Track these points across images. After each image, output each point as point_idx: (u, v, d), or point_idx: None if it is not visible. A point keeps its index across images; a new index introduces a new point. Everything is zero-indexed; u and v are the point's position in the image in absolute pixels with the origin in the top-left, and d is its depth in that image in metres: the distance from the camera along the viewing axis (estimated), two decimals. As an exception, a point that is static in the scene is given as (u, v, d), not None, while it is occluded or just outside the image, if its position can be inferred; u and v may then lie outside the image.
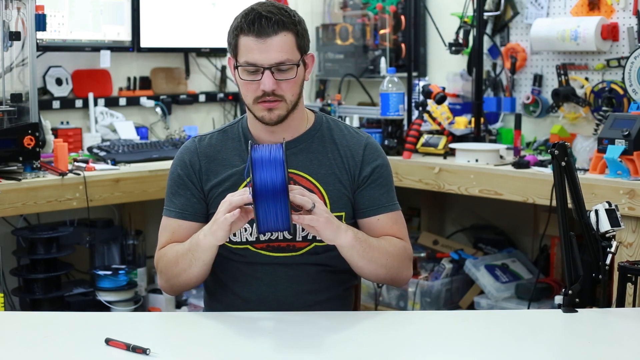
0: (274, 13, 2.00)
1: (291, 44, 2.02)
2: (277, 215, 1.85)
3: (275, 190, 1.83)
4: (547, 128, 3.72)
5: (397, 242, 2.12)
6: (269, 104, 2.03)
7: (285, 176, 1.84)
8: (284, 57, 2.00)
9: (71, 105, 3.74)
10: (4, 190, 2.93)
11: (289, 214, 1.85)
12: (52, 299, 3.31)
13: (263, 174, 1.84)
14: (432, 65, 4.23)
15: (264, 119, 2.05)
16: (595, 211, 2.05)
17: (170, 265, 2.08)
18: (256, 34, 1.99)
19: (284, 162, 1.85)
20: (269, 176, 1.84)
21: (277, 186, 1.83)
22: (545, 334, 1.87)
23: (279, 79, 2.01)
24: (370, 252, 2.03)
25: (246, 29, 2.00)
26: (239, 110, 4.28)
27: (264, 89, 2.01)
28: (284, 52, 2.00)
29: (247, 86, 2.04)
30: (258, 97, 2.03)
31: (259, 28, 1.98)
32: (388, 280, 2.14)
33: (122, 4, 3.76)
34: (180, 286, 2.11)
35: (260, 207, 1.84)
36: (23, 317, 2.16)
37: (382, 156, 2.17)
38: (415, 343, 1.83)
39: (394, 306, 3.83)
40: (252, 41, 1.99)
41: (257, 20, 1.99)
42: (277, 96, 2.02)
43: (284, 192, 1.83)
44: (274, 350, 1.75)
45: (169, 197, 2.15)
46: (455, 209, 4.21)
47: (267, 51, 1.99)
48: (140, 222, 3.83)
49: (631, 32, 3.40)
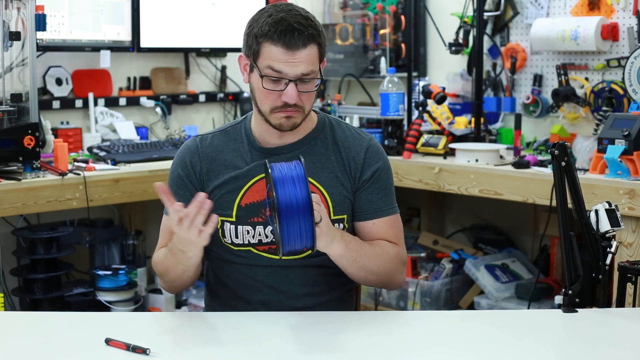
0: (304, 26, 1.97)
1: (316, 56, 2.00)
2: (301, 234, 1.78)
3: (299, 208, 1.76)
4: (547, 128, 3.73)
5: (390, 249, 2.11)
6: (288, 112, 2.01)
7: (308, 192, 1.78)
8: (309, 69, 1.98)
9: (71, 105, 3.74)
10: (4, 190, 2.93)
11: (313, 232, 1.79)
12: (52, 299, 3.31)
13: (286, 191, 1.77)
14: (432, 65, 4.23)
15: (282, 126, 2.03)
16: (595, 211, 2.05)
17: (163, 273, 2.11)
18: (286, 46, 1.95)
19: (306, 178, 1.79)
20: (291, 193, 1.77)
21: (302, 203, 1.77)
22: (545, 334, 1.87)
23: (302, 90, 2.00)
24: (361, 260, 2.03)
25: (276, 38, 1.95)
26: (239, 110, 4.28)
27: (288, 101, 1.98)
28: (310, 64, 1.98)
29: (267, 95, 2.01)
30: (277, 107, 2.01)
31: (290, 40, 1.95)
32: (379, 285, 2.16)
33: (122, 4, 3.76)
34: (178, 288, 2.16)
35: (285, 226, 1.77)
36: (23, 317, 2.16)
37: (383, 158, 2.17)
38: (415, 343, 1.83)
39: (394, 306, 3.83)
40: (280, 52, 1.96)
41: (289, 32, 1.95)
42: (297, 107, 2.01)
43: (309, 209, 1.77)
44: (274, 351, 1.75)
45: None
46: (455, 209, 4.21)
47: (295, 64, 1.96)
48: (140, 222, 3.84)
49: (631, 32, 3.40)
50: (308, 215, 1.77)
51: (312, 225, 1.78)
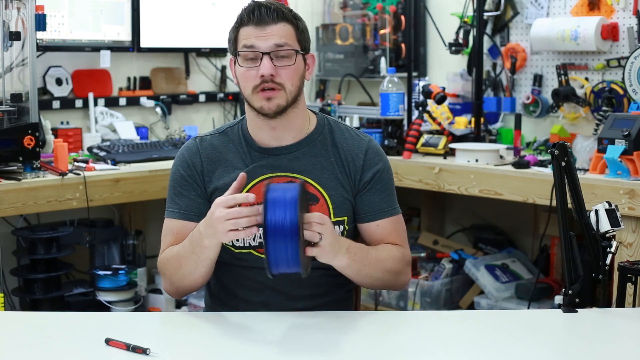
0: (275, 5, 2.04)
1: (291, 34, 2.04)
2: (287, 259, 1.77)
3: (285, 232, 1.75)
4: (547, 128, 3.73)
5: (395, 252, 2.12)
6: (268, 92, 2.02)
7: (296, 219, 1.75)
8: (282, 41, 2.02)
9: (71, 105, 3.74)
10: (4, 190, 2.93)
11: (298, 258, 1.77)
12: (52, 299, 3.31)
13: (275, 214, 1.75)
14: (432, 65, 4.23)
15: (263, 109, 2.04)
16: (595, 211, 2.05)
17: (174, 269, 2.06)
18: (256, 23, 2.02)
19: (297, 203, 1.77)
20: (280, 217, 1.75)
21: (287, 228, 1.75)
22: (545, 334, 1.87)
23: (278, 65, 2.02)
24: (365, 269, 2.03)
25: (246, 20, 2.03)
26: (239, 110, 4.28)
27: (263, 72, 2.01)
28: (283, 38, 2.02)
29: (246, 74, 2.04)
30: (257, 86, 2.02)
31: (259, 17, 2.02)
32: (385, 288, 2.18)
33: (122, 4, 3.76)
34: (185, 289, 2.10)
35: (271, 249, 1.76)
36: (23, 317, 2.16)
37: (383, 160, 2.17)
38: (415, 343, 1.83)
39: (394, 306, 3.82)
40: (251, 29, 2.02)
41: (256, 9, 2.02)
42: (276, 84, 2.02)
43: (294, 235, 1.75)
44: (274, 351, 1.75)
45: (172, 198, 2.13)
46: (455, 209, 4.21)
47: (266, 37, 2.02)
48: (140, 222, 3.83)
49: (631, 32, 3.40)
50: (294, 241, 1.75)
51: (297, 251, 1.76)
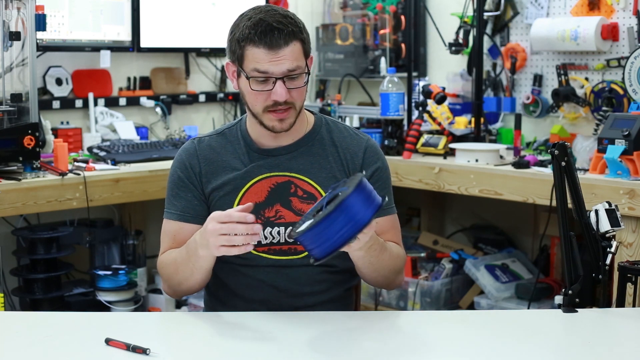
0: (284, 24, 1.98)
1: (300, 51, 2.01)
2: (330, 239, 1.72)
3: (351, 219, 1.71)
4: (547, 128, 3.73)
5: (399, 252, 2.14)
6: (280, 114, 2.02)
7: (370, 219, 1.73)
8: (295, 64, 1.99)
9: (71, 105, 3.74)
10: (4, 190, 2.93)
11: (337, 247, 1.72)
12: (52, 299, 3.31)
13: (359, 199, 1.72)
14: (432, 65, 4.23)
15: (275, 128, 2.05)
16: (595, 211, 2.05)
17: (171, 274, 2.08)
18: (268, 46, 1.97)
19: (378, 209, 1.75)
20: (359, 206, 1.72)
21: (358, 218, 1.72)
22: (545, 334, 1.87)
23: (290, 87, 2.01)
24: (377, 264, 2.04)
25: (257, 40, 1.97)
26: (239, 110, 4.28)
27: (277, 99, 2.00)
28: (295, 60, 1.99)
29: (257, 96, 2.02)
30: (268, 107, 2.02)
31: (271, 40, 1.96)
32: (382, 286, 2.18)
33: (122, 4, 3.76)
34: (183, 292, 2.11)
35: (329, 221, 1.70)
36: (23, 317, 2.16)
37: (381, 158, 2.18)
38: (415, 343, 1.83)
39: (394, 306, 3.82)
40: (263, 53, 1.97)
41: (269, 32, 1.96)
42: (288, 104, 2.02)
43: (356, 228, 1.72)
44: (274, 351, 1.75)
45: (170, 199, 2.14)
46: (455, 209, 4.21)
47: (280, 62, 1.98)
48: (140, 222, 3.83)
49: (631, 32, 3.40)
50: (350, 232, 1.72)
51: (342, 242, 1.73)
